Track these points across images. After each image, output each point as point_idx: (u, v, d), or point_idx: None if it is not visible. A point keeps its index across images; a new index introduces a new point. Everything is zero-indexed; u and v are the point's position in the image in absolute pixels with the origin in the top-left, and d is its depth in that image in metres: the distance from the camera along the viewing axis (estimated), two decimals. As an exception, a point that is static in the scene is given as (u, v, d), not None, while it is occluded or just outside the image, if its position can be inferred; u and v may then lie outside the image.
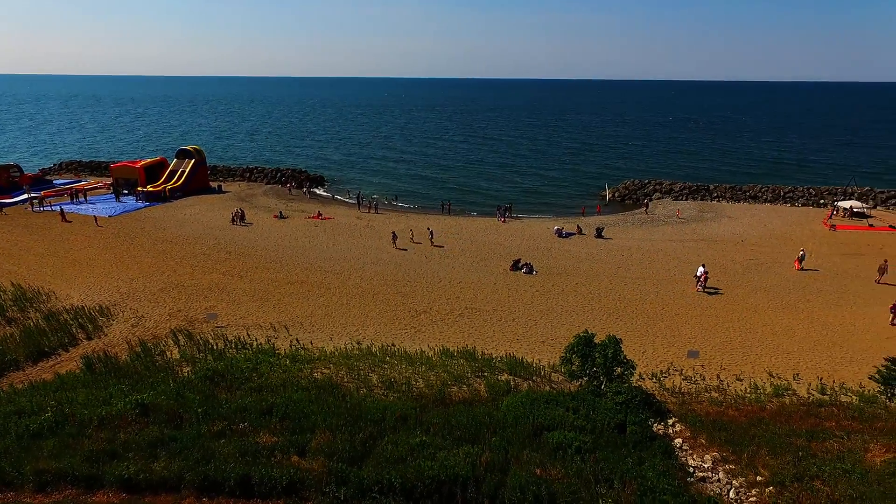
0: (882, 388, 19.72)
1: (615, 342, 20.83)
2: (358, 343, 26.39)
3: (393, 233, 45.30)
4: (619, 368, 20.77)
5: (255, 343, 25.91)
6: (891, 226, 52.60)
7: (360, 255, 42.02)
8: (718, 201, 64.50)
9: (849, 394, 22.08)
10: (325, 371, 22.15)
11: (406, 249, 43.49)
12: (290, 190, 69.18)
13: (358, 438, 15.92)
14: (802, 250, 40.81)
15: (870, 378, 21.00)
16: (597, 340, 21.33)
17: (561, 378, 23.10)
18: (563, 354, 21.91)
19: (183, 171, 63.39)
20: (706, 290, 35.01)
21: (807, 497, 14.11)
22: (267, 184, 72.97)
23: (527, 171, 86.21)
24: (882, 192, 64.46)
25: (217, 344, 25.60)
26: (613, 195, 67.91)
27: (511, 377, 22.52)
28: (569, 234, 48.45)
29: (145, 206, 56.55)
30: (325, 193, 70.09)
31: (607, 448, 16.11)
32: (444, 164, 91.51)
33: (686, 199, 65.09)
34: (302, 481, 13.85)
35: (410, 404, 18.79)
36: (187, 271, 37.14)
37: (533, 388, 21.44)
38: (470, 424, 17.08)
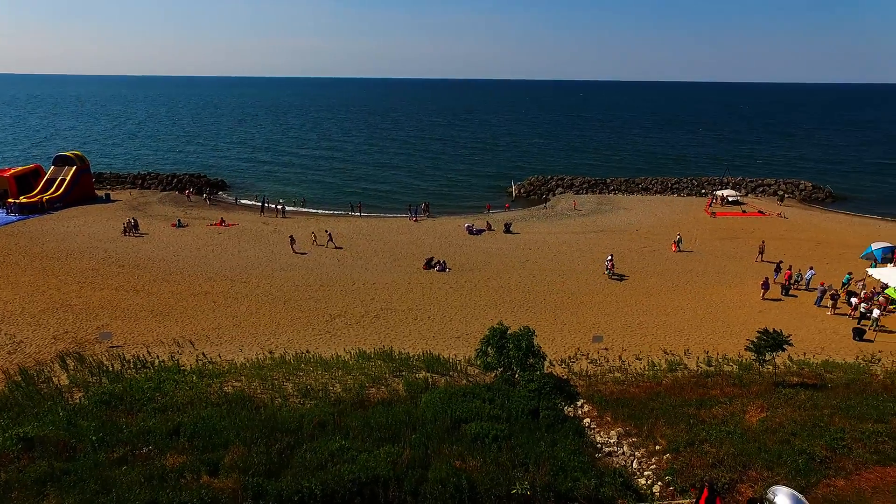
0: (756, 356, 22.10)
1: (528, 333, 21.74)
2: (270, 352, 25.55)
3: (291, 237, 43.75)
4: (531, 358, 21.71)
5: (156, 361, 24.29)
6: (760, 211, 58.91)
7: (269, 261, 40.59)
8: (615, 194, 68.95)
9: (730, 363, 24.58)
10: (236, 384, 21.27)
11: (306, 253, 42.37)
12: (189, 196, 65.26)
13: (274, 450, 15.50)
14: (679, 234, 45.04)
15: (746, 348, 23.47)
16: (510, 332, 22.15)
17: (477, 371, 23.72)
18: (479, 348, 22.57)
19: (63, 180, 57.77)
20: (613, 276, 37.49)
21: (697, 459, 15.60)
22: (162, 191, 68.36)
23: (434, 170, 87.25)
24: (752, 181, 72.04)
25: (113, 365, 23.72)
26: (519, 191, 70.43)
27: (429, 374, 22.82)
28: (479, 231, 49.72)
29: (18, 220, 50.96)
30: (227, 199, 66.76)
31: (522, 434, 16.86)
32: (351, 166, 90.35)
33: (586, 193, 68.93)
34: (215, 500, 13.28)
35: (328, 410, 18.55)
36: (74, 289, 33.99)
37: (450, 384, 21.88)
38: (389, 424, 17.18)
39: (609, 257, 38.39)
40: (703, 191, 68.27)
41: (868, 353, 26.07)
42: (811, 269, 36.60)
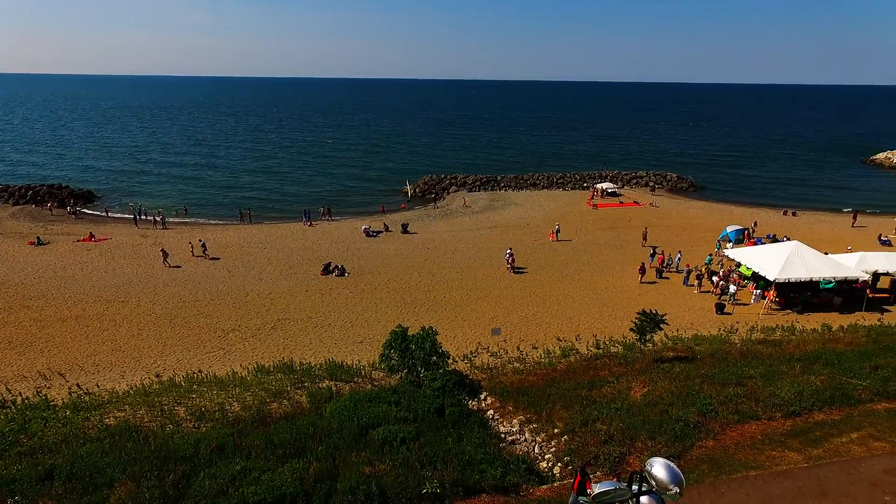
0: (638, 336, 24.19)
1: (430, 333, 22.05)
2: (157, 376, 23.71)
3: (162, 250, 40.82)
4: (435, 357, 22.06)
5: (19, 398, 21.59)
6: (635, 201, 64.23)
7: (150, 277, 37.54)
8: (505, 190, 71.75)
9: (616, 345, 26.67)
10: (119, 414, 19.48)
11: (180, 266, 39.82)
12: (50, 210, 58.44)
13: (168, 481, 14.43)
14: (557, 225, 48.43)
15: (629, 330, 25.58)
16: (412, 333, 22.35)
17: (382, 374, 23.69)
18: (382, 351, 22.53)
19: None
20: (514, 270, 39.08)
21: (591, 437, 16.78)
22: (15, 205, 60.55)
23: (326, 172, 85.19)
24: (626, 174, 78.31)
25: (-38, 409, 20.74)
26: (415, 191, 71.01)
27: (332, 383, 22.41)
28: (376, 233, 49.49)
29: None
30: (95, 212, 60.47)
31: (430, 433, 17.11)
32: (235, 171, 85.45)
33: (479, 191, 71.07)
34: (103, 545, 12.15)
35: (226, 431, 17.58)
36: None
37: (355, 390, 21.64)
38: (294, 439, 16.66)
39: (508, 251, 40.05)
40: (585, 184, 73.11)
41: (728, 324, 29.53)
42: (679, 252, 40.67)
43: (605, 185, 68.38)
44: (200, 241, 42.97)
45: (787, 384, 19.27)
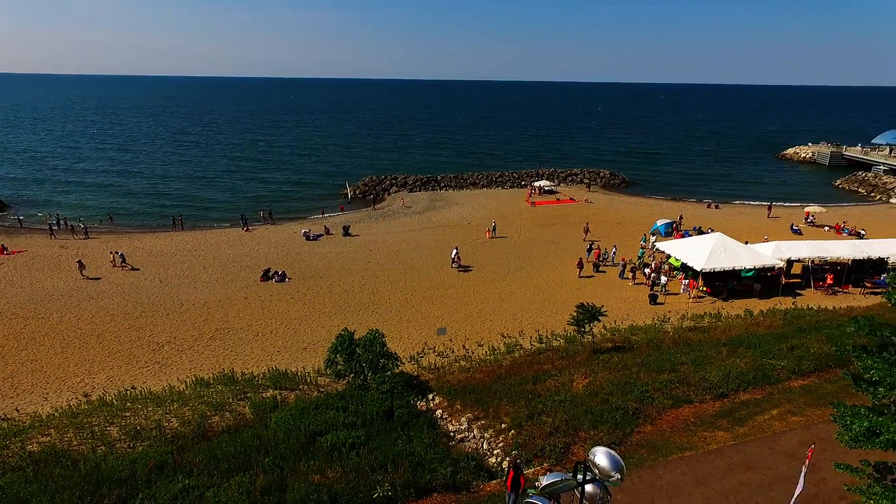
0: (577, 329, 25.05)
1: (377, 336, 21.94)
2: (86, 395, 22.39)
3: (79, 261, 38.40)
4: (382, 360, 21.98)
5: (-74, 429, 19.79)
6: (571, 198, 66.29)
7: (73, 291, 35.27)
8: (446, 190, 72.23)
9: (558, 338, 27.50)
10: (43, 439, 18.27)
11: (100, 278, 37.67)
12: (-49, 222, 53.60)
13: (103, 507, 13.71)
14: (493, 222, 49.55)
15: (568, 323, 26.45)
16: (357, 336, 22.17)
17: (328, 380, 23.37)
18: (327, 356, 22.21)
19: None
20: (460, 268, 39.43)
21: (538, 430, 17.26)
22: (-90, 216, 55.17)
23: (260, 176, 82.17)
24: (562, 172, 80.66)
25: None
26: (355, 192, 70.22)
27: (277, 392, 21.92)
28: (317, 236, 48.63)
29: None
30: (6, 222, 55.86)
31: (379, 436, 17.08)
32: (162, 175, 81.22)
33: (419, 191, 71.18)
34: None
35: (165, 449, 16.87)
36: None
37: (301, 397, 21.26)
38: (238, 452, 16.20)
39: (454, 251, 40.43)
40: (523, 183, 74.71)
41: (661, 314, 31.06)
42: (615, 246, 42.37)
43: (542, 183, 70.15)
44: (118, 252, 40.41)
45: (716, 368, 20.55)
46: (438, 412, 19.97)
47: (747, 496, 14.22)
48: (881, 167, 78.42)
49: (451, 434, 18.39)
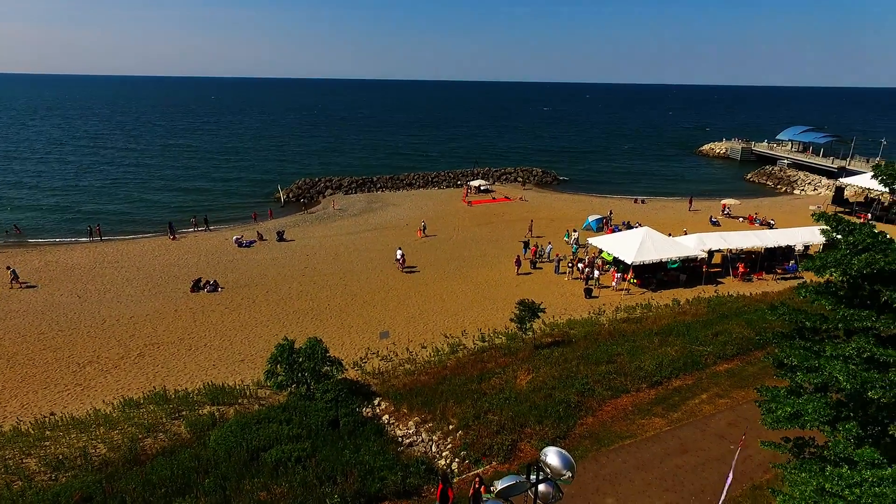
0: (518, 326, 25.59)
1: (318, 343, 21.46)
2: (-3, 426, 20.50)
3: None
4: (325, 367, 21.52)
5: None
6: (506, 197, 67.53)
7: (-24, 311, 32.23)
8: (382, 191, 71.69)
9: (500, 336, 27.95)
10: (-52, 479, 16.58)
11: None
12: None
13: (24, 547, 12.63)
14: (423, 222, 50.00)
15: (510, 320, 26.97)
16: (298, 345, 21.60)
17: (269, 392, 22.62)
18: (267, 367, 21.50)
19: None
20: (405, 269, 39.21)
21: (484, 429, 17.49)
22: None
23: (185, 180, 77.91)
24: (496, 171, 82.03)
25: None
26: (288, 196, 68.30)
27: (214, 408, 20.96)
28: (250, 242, 46.94)
29: None
30: None
31: (325, 447, 16.73)
32: (76, 181, 75.30)
33: (355, 193, 70.25)
34: None
35: (93, 478, 15.77)
36: None
37: (241, 412, 20.45)
38: (175, 475, 15.40)
39: (399, 252, 40.22)
40: (459, 182, 75.36)
41: (596, 307, 32.24)
42: (550, 243, 43.55)
43: (477, 183, 71.04)
44: (8, 268, 36.67)
45: (649, 357, 21.59)
46: (385, 417, 19.81)
47: (684, 478, 15.03)
48: (785, 161, 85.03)
49: (399, 439, 18.29)
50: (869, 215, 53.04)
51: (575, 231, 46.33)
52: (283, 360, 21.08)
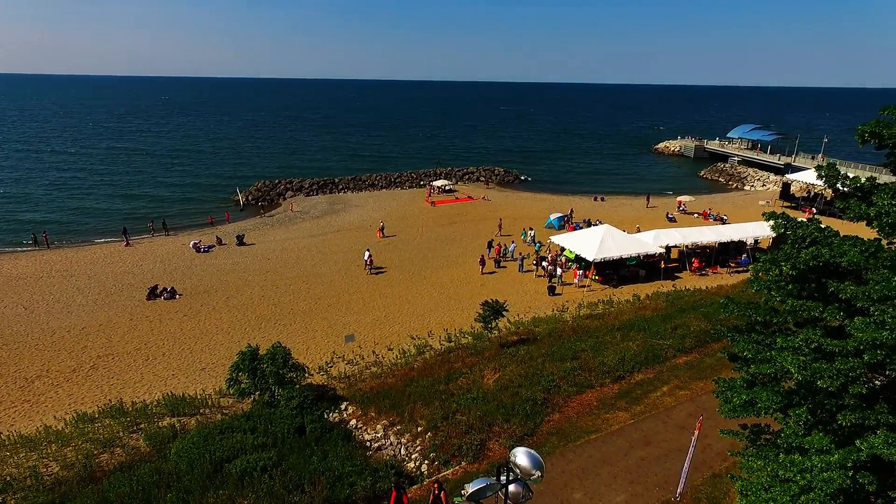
0: (484, 325, 25.75)
1: (281, 349, 21.08)
2: (-63, 448, 19.33)
3: None
4: (289, 373, 21.16)
5: None
6: (469, 196, 67.85)
7: (-89, 326, 30.31)
8: (344, 192, 70.95)
9: (466, 336, 28.07)
10: None
11: None
12: None
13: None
14: (382, 222, 50.16)
15: (475, 320, 27.12)
16: (261, 352, 21.17)
17: (232, 400, 22.11)
18: (229, 375, 21.03)
19: None
20: (373, 271, 38.91)
21: (453, 430, 17.53)
22: None
23: (138, 185, 74.83)
24: (459, 170, 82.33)
25: None
26: (247, 199, 66.77)
27: (175, 419, 20.34)
28: (209, 247, 45.71)
29: None
30: None
31: (292, 455, 16.45)
32: (19, 187, 71.21)
33: (317, 194, 69.29)
34: None
35: (44, 499, 15.10)
36: None
37: (203, 423, 19.92)
38: (135, 491, 14.88)
39: (367, 254, 39.95)
40: (422, 182, 75.30)
41: (559, 304, 32.76)
42: (513, 242, 44.00)
43: (440, 183, 71.13)
44: None
45: (612, 352, 22.08)
46: (352, 422, 19.63)
47: (648, 469, 15.45)
48: (736, 158, 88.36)
49: (368, 443, 18.17)
50: (814, 209, 55.66)
51: (531, 230, 46.92)
52: (245, 367, 20.65)
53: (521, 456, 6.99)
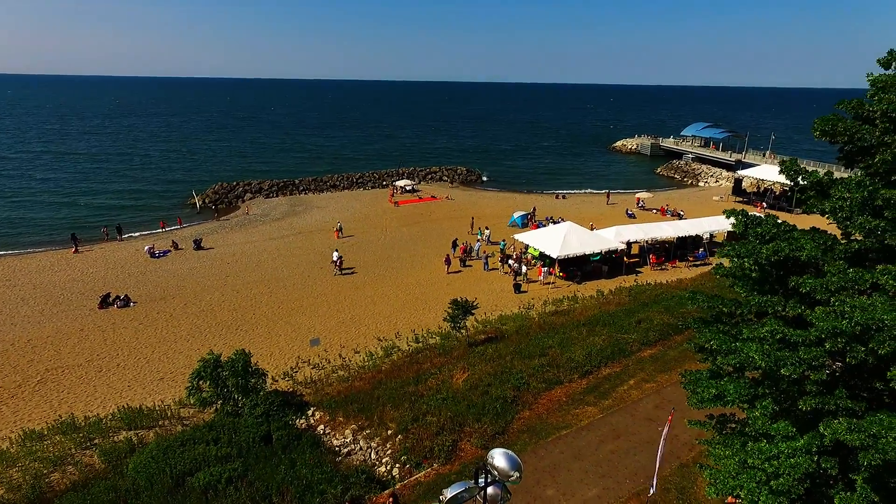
0: (452, 325, 25.64)
1: (244, 355, 20.43)
2: None
3: None
4: (253, 380, 20.54)
5: None
6: (433, 196, 67.68)
7: None
8: (305, 194, 69.67)
9: (434, 336, 27.89)
10: None
11: None
12: None
13: None
14: (339, 223, 49.74)
15: (444, 319, 26.99)
16: (223, 359, 20.47)
17: (193, 411, 21.30)
18: (190, 384, 20.23)
19: None
20: (342, 272, 38.30)
21: (424, 432, 17.34)
22: None
23: (83, 189, 70.98)
24: (422, 170, 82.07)
25: None
26: (204, 202, 64.67)
27: (132, 433, 19.46)
28: (164, 252, 44.05)
29: None
30: None
31: (259, 465, 15.94)
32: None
33: (277, 196, 67.81)
34: None
35: (-9, 524, 14.14)
36: None
37: (163, 435, 19.11)
38: (90, 512, 14.11)
39: (335, 254, 39.42)
40: (385, 183, 74.70)
41: (525, 301, 32.96)
42: (478, 240, 44.07)
43: (403, 183, 70.71)
44: None
45: (579, 348, 22.31)
46: (321, 428, 19.20)
47: (618, 462, 15.62)
48: (690, 155, 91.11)
49: (337, 449, 17.78)
50: (764, 203, 57.90)
51: (487, 229, 47.11)
52: (207, 375, 19.92)
53: (498, 457, 6.85)
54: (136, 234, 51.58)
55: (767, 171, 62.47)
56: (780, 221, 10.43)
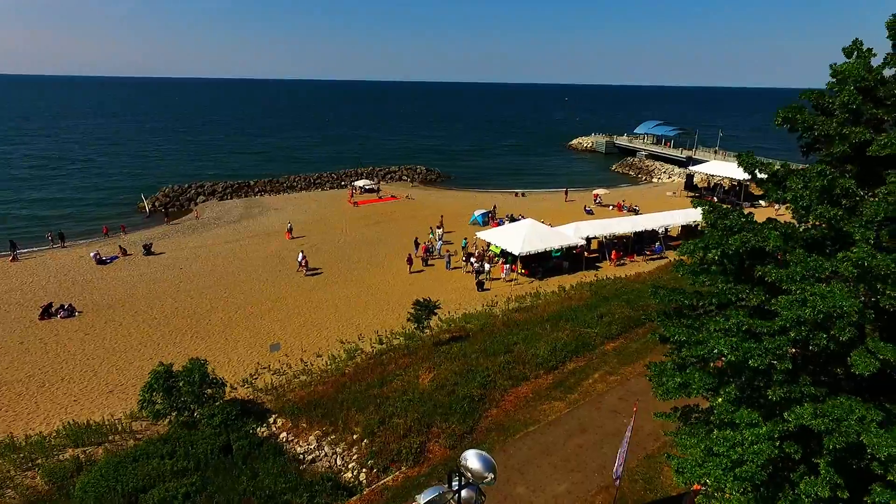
0: (416, 325, 25.33)
1: (199, 364, 19.58)
2: None
3: None
4: (209, 389, 19.70)
5: None
6: (392, 195, 67.09)
7: None
8: (261, 195, 67.91)
9: (398, 337, 27.49)
10: None
11: None
12: None
13: None
14: (290, 223, 49.04)
15: (407, 320, 26.64)
16: (177, 368, 19.56)
17: (146, 424, 20.26)
18: (142, 396, 19.23)
19: None
20: (308, 272, 37.71)
21: (391, 435, 16.99)
22: None
23: (16, 194, 66.96)
24: (381, 170, 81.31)
25: None
26: (154, 206, 62.03)
27: (79, 450, 18.33)
28: (111, 258, 41.99)
29: None
30: None
31: (218, 477, 15.26)
32: None
33: (231, 198, 65.82)
34: None
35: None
36: None
37: (113, 451, 18.07)
38: (33, 537, 13.14)
39: (300, 255, 38.58)
40: (343, 183, 73.59)
41: (489, 299, 32.95)
42: (440, 239, 43.85)
43: (362, 183, 69.82)
44: None
45: (544, 344, 22.38)
46: (283, 435, 18.58)
47: (586, 456, 15.68)
48: (643, 153, 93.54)
49: (301, 456, 17.23)
50: (714, 198, 59.92)
51: (440, 227, 47.02)
52: (159, 386, 18.99)
53: (471, 459, 6.63)
54: (81, 241, 48.97)
55: (717, 167, 64.71)
56: (746, 213, 10.61)
